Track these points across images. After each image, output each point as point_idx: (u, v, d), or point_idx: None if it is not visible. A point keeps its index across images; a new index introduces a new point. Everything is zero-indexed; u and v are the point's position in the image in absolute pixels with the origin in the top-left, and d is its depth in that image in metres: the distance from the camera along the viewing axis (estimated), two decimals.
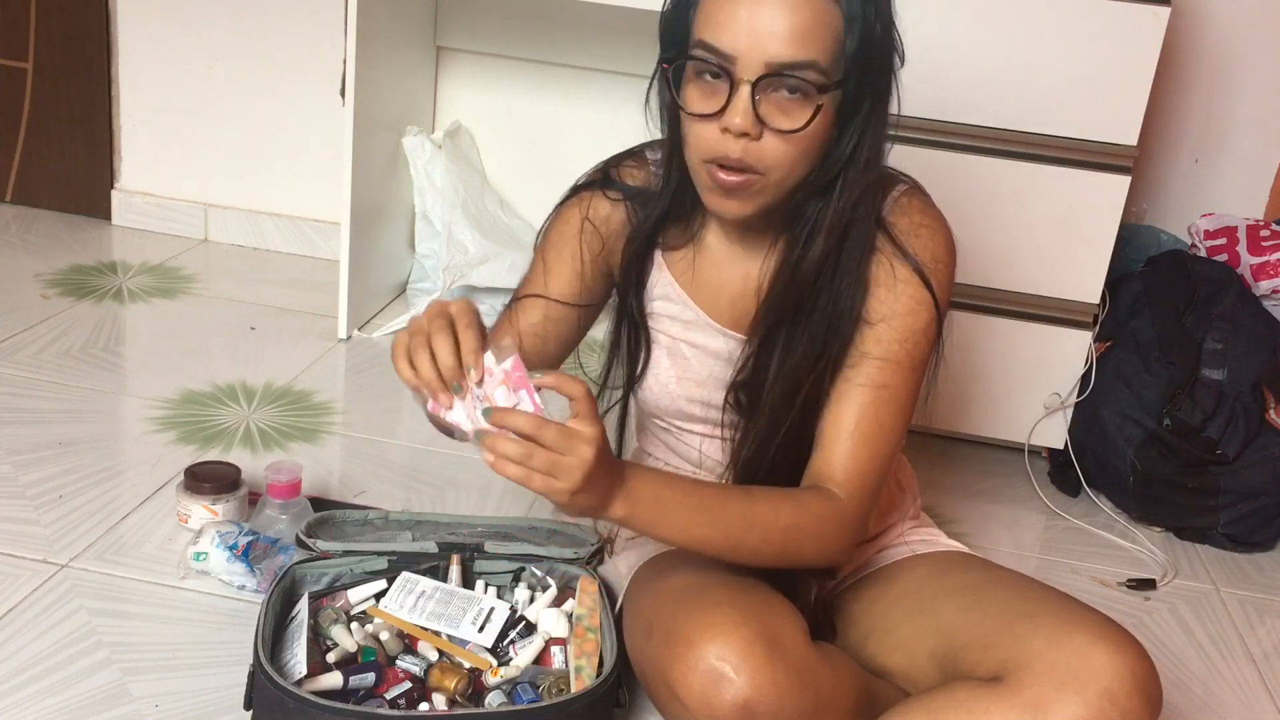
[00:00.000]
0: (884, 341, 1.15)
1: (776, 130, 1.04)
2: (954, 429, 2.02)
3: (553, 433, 0.97)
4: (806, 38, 1.01)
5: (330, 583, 1.35)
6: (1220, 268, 1.97)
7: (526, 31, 2.41)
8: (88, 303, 2.26)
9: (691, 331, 1.25)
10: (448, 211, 2.36)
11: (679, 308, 1.25)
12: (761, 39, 1.01)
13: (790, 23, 1.01)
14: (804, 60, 1.02)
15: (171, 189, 2.67)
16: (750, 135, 1.04)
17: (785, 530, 1.10)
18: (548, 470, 0.97)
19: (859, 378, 1.15)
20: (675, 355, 1.26)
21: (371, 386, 2.09)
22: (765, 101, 1.03)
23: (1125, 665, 1.01)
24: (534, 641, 1.29)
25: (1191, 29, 2.18)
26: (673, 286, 1.24)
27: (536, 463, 0.97)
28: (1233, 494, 1.82)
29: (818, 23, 1.02)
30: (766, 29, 1.01)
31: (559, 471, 0.97)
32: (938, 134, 1.83)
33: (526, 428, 0.97)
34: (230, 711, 1.23)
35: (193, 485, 1.53)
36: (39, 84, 2.62)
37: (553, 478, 0.97)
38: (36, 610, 1.36)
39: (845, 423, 1.14)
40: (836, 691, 1.10)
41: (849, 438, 1.14)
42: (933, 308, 1.15)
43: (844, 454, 1.14)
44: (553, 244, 1.27)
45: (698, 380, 1.25)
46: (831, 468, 1.14)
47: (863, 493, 1.14)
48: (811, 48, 1.02)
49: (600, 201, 1.25)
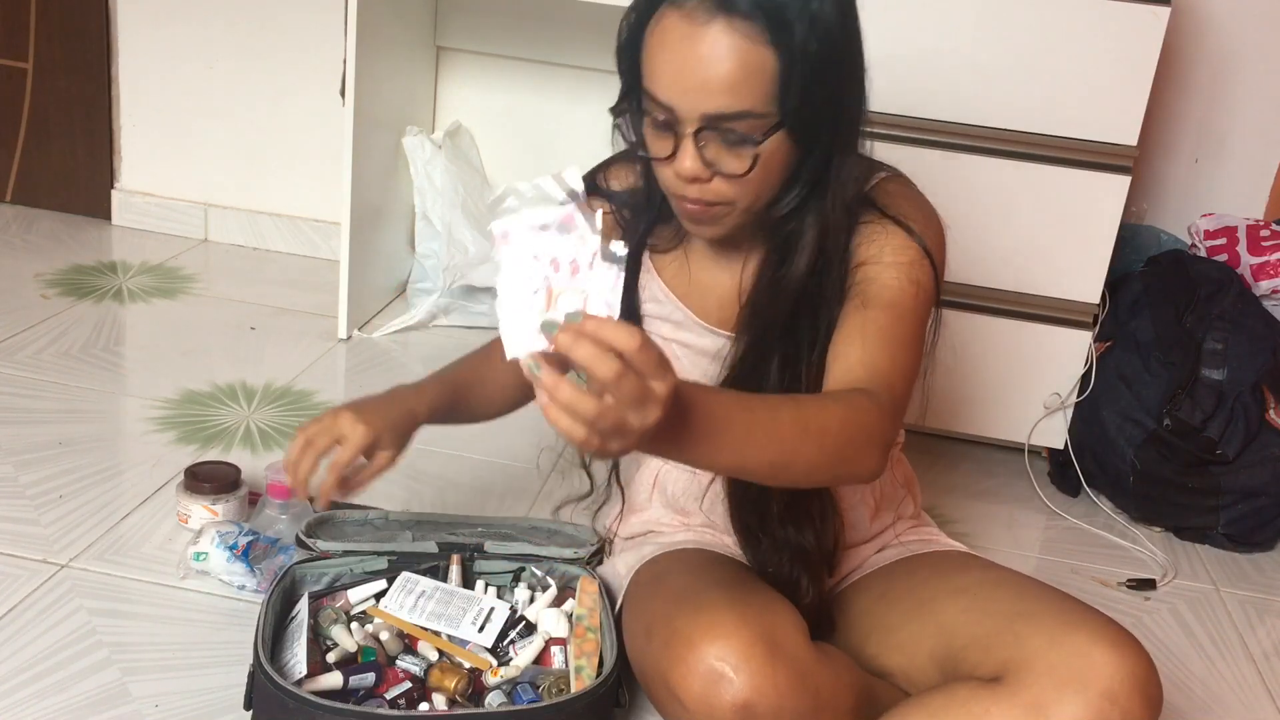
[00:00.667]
0: (879, 272, 1.11)
1: (724, 174, 1.05)
2: (954, 429, 2.02)
3: (630, 387, 0.78)
4: (739, 88, 1.00)
5: (330, 583, 1.35)
6: (1220, 268, 1.97)
7: (526, 31, 2.40)
8: (88, 303, 2.26)
9: (682, 332, 1.26)
10: (448, 211, 2.36)
11: (669, 309, 1.26)
12: (695, 92, 1.01)
13: (721, 75, 1.00)
14: (738, 111, 1.01)
15: (171, 189, 2.67)
16: (701, 179, 1.05)
17: (838, 431, 0.97)
18: (610, 432, 0.80)
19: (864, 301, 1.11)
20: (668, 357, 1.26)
21: (371, 386, 2.07)
22: (710, 147, 1.04)
23: (1126, 665, 1.01)
24: (534, 641, 1.29)
25: (1191, 29, 2.18)
26: (662, 289, 1.26)
27: (604, 423, 0.79)
28: (1233, 494, 1.82)
29: (749, 72, 1.00)
30: (699, 82, 1.00)
31: (619, 435, 0.81)
32: (938, 134, 1.83)
33: (604, 371, 0.77)
34: (230, 711, 1.23)
35: (193, 485, 1.53)
36: (39, 84, 2.62)
37: (609, 440, 0.81)
38: (36, 610, 1.36)
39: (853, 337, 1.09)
40: (836, 692, 1.10)
41: (862, 346, 1.07)
42: (923, 251, 1.12)
43: (862, 359, 1.07)
44: None
45: (690, 381, 1.25)
46: (852, 372, 1.06)
47: (891, 390, 1.05)
48: (745, 97, 1.00)
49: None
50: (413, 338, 2.30)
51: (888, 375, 1.06)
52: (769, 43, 0.99)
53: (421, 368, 2.19)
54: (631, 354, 0.78)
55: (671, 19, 1.01)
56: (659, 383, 0.80)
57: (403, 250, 2.48)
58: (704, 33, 0.99)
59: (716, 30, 0.99)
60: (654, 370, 0.80)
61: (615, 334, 0.78)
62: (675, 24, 1.01)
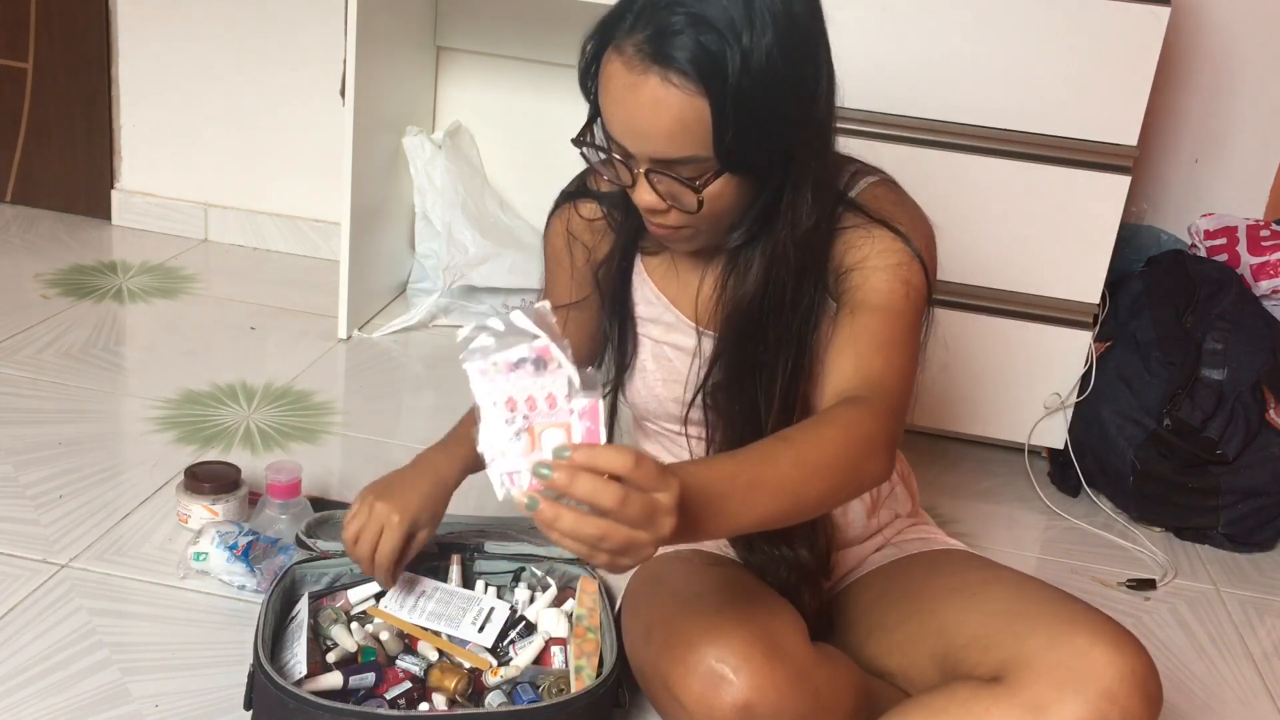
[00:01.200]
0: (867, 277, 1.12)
1: (678, 208, 1.07)
2: (954, 429, 2.02)
3: (636, 508, 0.79)
4: (677, 138, 1.01)
5: (330, 583, 1.35)
6: (1220, 268, 1.97)
7: (526, 31, 2.41)
8: (88, 303, 2.26)
9: (673, 334, 1.26)
10: (448, 211, 2.36)
11: (659, 310, 1.26)
12: (640, 139, 1.03)
13: (659, 126, 1.01)
14: (680, 157, 1.02)
15: (171, 189, 2.67)
16: (658, 209, 1.07)
17: (837, 455, 0.98)
18: (619, 550, 0.80)
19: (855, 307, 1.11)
20: (659, 359, 1.27)
21: (371, 386, 2.09)
22: (663, 182, 1.05)
23: (1126, 665, 1.01)
24: (534, 641, 1.29)
25: (1191, 29, 2.18)
26: (653, 291, 1.27)
27: (610, 544, 0.79)
28: (1233, 494, 1.82)
29: (685, 123, 1.00)
30: (643, 130, 1.02)
31: (631, 551, 0.81)
32: (937, 134, 1.83)
33: (607, 501, 0.78)
34: (230, 711, 1.23)
35: (193, 485, 1.53)
36: (39, 84, 2.62)
37: (620, 557, 0.82)
38: (36, 610, 1.36)
39: (846, 344, 1.09)
40: (836, 693, 1.10)
41: (855, 352, 1.08)
42: (912, 253, 1.12)
43: (854, 364, 1.07)
44: (548, 255, 1.33)
45: (683, 381, 1.25)
46: (846, 380, 1.07)
47: (886, 390, 1.05)
48: (684, 145, 1.01)
49: (577, 212, 1.28)
50: (413, 338, 2.30)
51: (882, 376, 1.06)
52: (702, 93, 0.99)
53: (421, 368, 2.19)
54: (629, 474, 0.79)
55: (615, 65, 1.03)
56: (665, 494, 0.81)
57: (403, 250, 2.48)
58: (643, 83, 1.00)
59: (653, 83, 1.00)
60: (656, 483, 0.80)
61: (608, 459, 0.78)
62: (618, 71, 1.02)
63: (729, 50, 0.98)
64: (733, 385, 1.18)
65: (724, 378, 1.18)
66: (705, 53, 0.98)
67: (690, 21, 0.98)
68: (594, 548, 0.80)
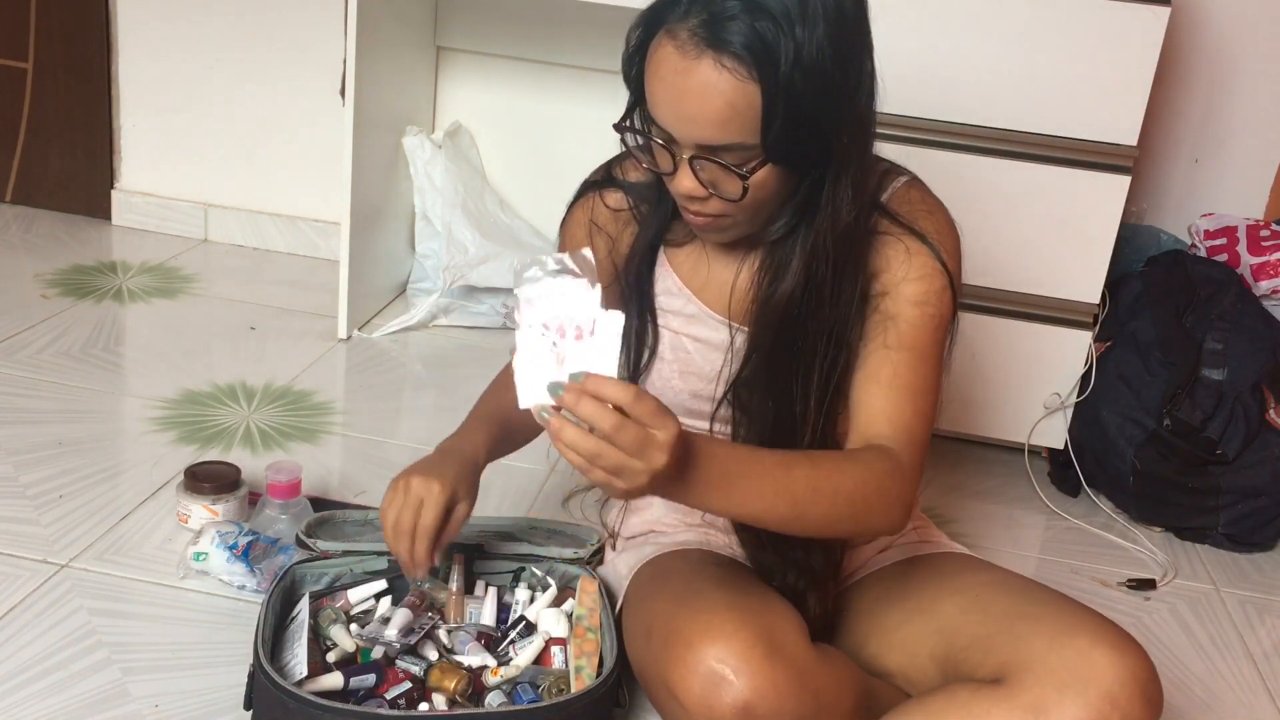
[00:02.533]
0: (904, 306, 1.14)
1: (720, 196, 1.07)
2: (954, 429, 2.02)
3: (630, 436, 0.90)
4: (727, 123, 1.01)
5: (330, 583, 1.35)
6: (1220, 268, 1.97)
7: (526, 31, 2.40)
8: (88, 303, 2.26)
9: (694, 326, 1.25)
10: (448, 211, 2.36)
11: (681, 302, 1.25)
12: (688, 123, 1.03)
13: (709, 110, 1.01)
14: (726, 144, 1.03)
15: (171, 189, 2.67)
16: (699, 197, 1.07)
17: (851, 491, 1.05)
18: (613, 471, 0.91)
19: (887, 340, 1.14)
20: (677, 350, 1.26)
21: (371, 386, 2.09)
22: (707, 169, 1.06)
23: (1126, 667, 1.01)
24: (534, 641, 1.29)
25: (1191, 29, 2.18)
26: (676, 283, 1.26)
27: (604, 462, 0.91)
28: (1233, 494, 1.82)
29: (736, 108, 1.01)
30: (691, 115, 1.02)
31: (624, 474, 0.91)
32: (938, 134, 1.83)
33: (604, 424, 0.89)
34: (230, 711, 1.23)
35: (193, 485, 1.53)
36: (39, 84, 2.62)
37: (615, 478, 0.92)
38: (36, 610, 1.36)
39: (880, 383, 1.13)
40: (837, 693, 1.10)
41: (886, 397, 1.13)
42: (945, 274, 1.15)
43: (886, 411, 1.12)
44: (566, 245, 1.31)
45: (700, 374, 1.25)
46: (876, 425, 1.12)
47: (913, 446, 1.11)
48: (733, 131, 1.02)
49: (603, 201, 1.27)
50: (413, 338, 2.30)
51: (909, 425, 1.12)
52: (755, 79, 1.00)
53: (421, 368, 2.19)
54: (629, 406, 0.90)
55: (666, 49, 1.02)
56: (661, 430, 0.91)
57: (403, 250, 2.48)
58: (695, 68, 1.00)
59: (706, 66, 1.00)
60: (653, 419, 0.91)
61: (612, 390, 0.89)
62: (669, 55, 1.02)
63: (783, 39, 0.99)
64: (764, 382, 1.17)
65: (756, 373, 1.18)
66: (760, 39, 0.99)
67: (746, 8, 0.99)
68: (590, 463, 0.91)
